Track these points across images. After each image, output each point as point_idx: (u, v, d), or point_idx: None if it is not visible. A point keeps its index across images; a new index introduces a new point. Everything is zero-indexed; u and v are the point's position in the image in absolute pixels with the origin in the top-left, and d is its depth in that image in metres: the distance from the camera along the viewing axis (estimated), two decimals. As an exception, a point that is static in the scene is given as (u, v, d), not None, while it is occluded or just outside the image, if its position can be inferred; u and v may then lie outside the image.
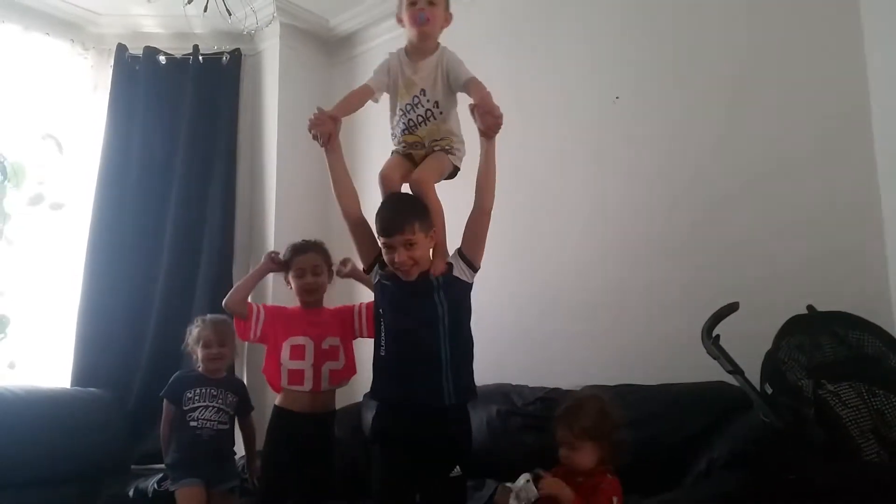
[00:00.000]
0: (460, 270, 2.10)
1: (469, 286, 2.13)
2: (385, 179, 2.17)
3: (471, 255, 2.11)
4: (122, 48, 4.10)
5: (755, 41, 2.69)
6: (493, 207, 2.07)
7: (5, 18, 3.79)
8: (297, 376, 2.58)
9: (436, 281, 2.06)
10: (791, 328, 2.00)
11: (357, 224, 2.16)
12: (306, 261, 2.66)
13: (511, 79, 3.27)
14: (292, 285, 2.69)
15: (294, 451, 2.54)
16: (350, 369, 2.68)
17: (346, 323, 2.70)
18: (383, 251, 2.04)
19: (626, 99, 3.01)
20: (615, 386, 2.55)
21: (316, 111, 2.08)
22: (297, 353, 2.60)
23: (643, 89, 2.97)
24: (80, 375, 3.70)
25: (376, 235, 2.06)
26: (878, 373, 1.89)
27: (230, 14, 3.11)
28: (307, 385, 2.57)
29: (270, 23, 3.87)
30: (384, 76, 2.20)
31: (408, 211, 2.04)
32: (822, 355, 1.94)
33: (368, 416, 3.27)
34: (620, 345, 2.86)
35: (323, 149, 2.14)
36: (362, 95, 2.19)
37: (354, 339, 2.71)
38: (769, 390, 1.94)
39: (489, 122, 1.97)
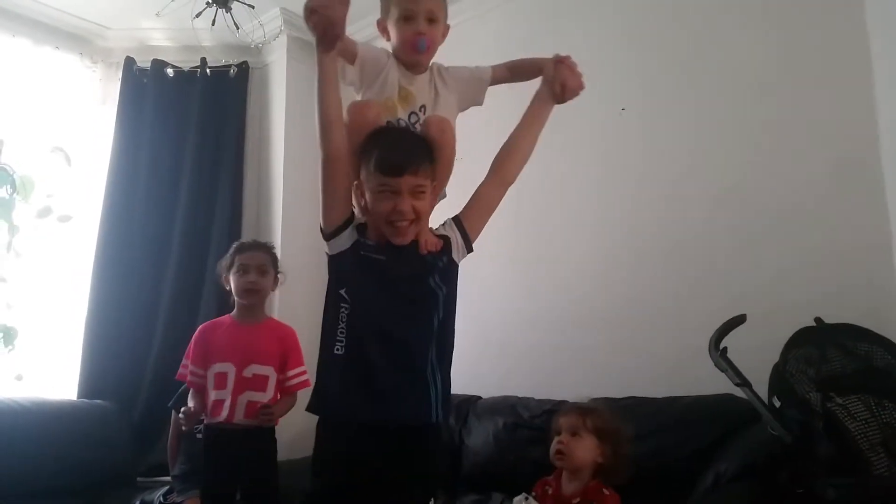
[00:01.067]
0: (456, 248, 1.69)
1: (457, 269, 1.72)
2: (365, 109, 1.69)
3: (473, 227, 1.72)
4: (130, 61, 4.13)
5: (765, 51, 2.69)
6: (498, 220, 1.80)
7: (16, 32, 3.82)
8: (218, 407, 2.34)
9: (434, 260, 1.65)
10: (799, 340, 1.99)
11: (337, 160, 1.59)
12: (252, 258, 2.43)
13: (518, 91, 3.27)
14: (231, 285, 2.42)
15: (231, 470, 2.32)
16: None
17: (285, 349, 2.45)
18: (374, 199, 1.57)
19: (632, 110, 3.01)
20: (622, 399, 2.54)
21: None
22: (220, 381, 2.36)
23: (649, 100, 2.97)
24: (87, 387, 3.70)
25: (369, 176, 1.58)
26: (887, 385, 1.88)
27: (238, 28, 3.13)
28: (223, 414, 2.32)
29: (278, 36, 3.90)
30: (372, 66, 1.73)
31: (422, 148, 1.61)
32: (830, 368, 1.93)
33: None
34: (627, 357, 2.84)
35: (318, 49, 1.54)
36: (345, 53, 1.68)
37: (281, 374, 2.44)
38: (777, 403, 1.93)
39: (575, 82, 1.76)
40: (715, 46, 2.82)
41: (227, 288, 2.45)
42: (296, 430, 2.81)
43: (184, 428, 2.54)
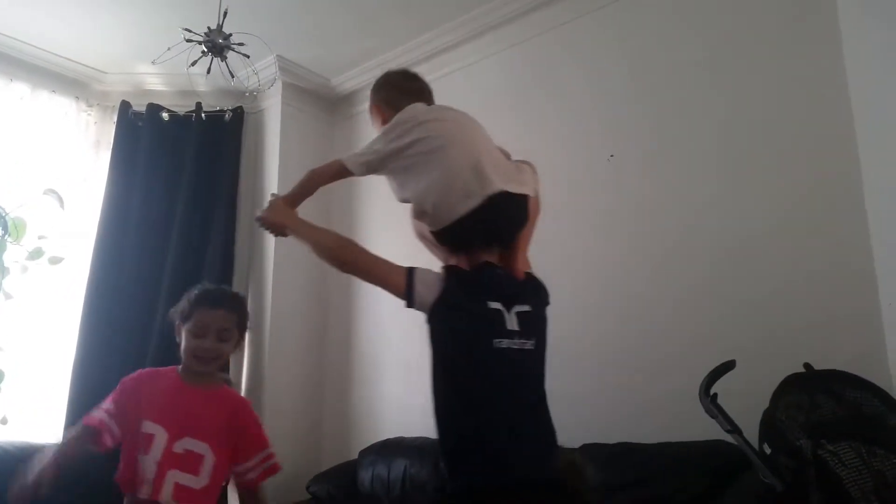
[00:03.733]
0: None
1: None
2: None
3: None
4: (125, 105, 4.18)
5: (746, 101, 2.75)
6: None
7: (14, 77, 3.87)
8: (138, 479, 1.87)
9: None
10: (788, 387, 2.00)
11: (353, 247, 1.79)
12: (214, 318, 1.97)
13: (511, 134, 3.32)
14: (182, 343, 1.99)
15: None
16: (211, 497, 1.91)
17: (237, 427, 1.99)
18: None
19: (620, 158, 3.06)
20: (613, 444, 2.53)
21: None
22: (147, 443, 1.88)
23: (637, 148, 3.02)
24: (73, 431, 3.64)
25: None
26: (877, 432, 1.87)
27: (233, 75, 3.18)
28: (145, 490, 1.85)
29: (273, 83, 3.96)
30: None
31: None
32: (820, 414, 1.93)
33: (365, 475, 3.25)
34: (618, 403, 2.83)
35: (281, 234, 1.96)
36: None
37: (233, 463, 1.98)
38: (768, 450, 1.93)
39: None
40: (698, 95, 2.88)
41: (178, 341, 2.02)
42: None
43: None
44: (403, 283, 1.67)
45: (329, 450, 3.94)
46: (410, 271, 1.68)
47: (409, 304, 1.68)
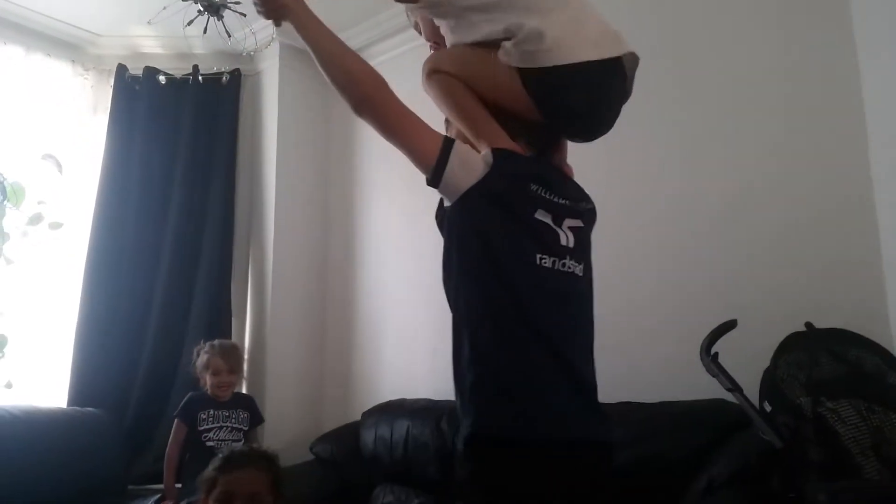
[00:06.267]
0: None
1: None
2: None
3: None
4: (122, 68, 4.12)
5: (749, 56, 2.72)
6: None
7: (7, 40, 3.82)
8: None
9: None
10: (789, 345, 2.01)
11: (384, 86, 1.36)
12: (240, 483, 1.73)
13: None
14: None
15: None
16: None
17: None
18: None
19: (622, 115, 3.02)
20: (614, 404, 2.55)
21: None
22: None
23: (638, 103, 2.99)
24: (77, 395, 3.68)
25: None
26: (876, 390, 1.89)
27: (230, 35, 3.14)
28: None
29: (270, 44, 3.90)
30: None
31: None
32: (821, 372, 1.94)
33: (368, 436, 3.28)
34: (619, 363, 2.83)
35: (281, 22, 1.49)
36: None
37: None
38: (768, 408, 1.94)
39: None
40: (713, 60, 2.84)
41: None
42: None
43: None
44: (436, 151, 1.28)
45: (331, 411, 3.97)
46: (448, 140, 1.31)
47: (434, 183, 1.31)
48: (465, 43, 1.45)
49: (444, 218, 1.38)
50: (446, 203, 1.36)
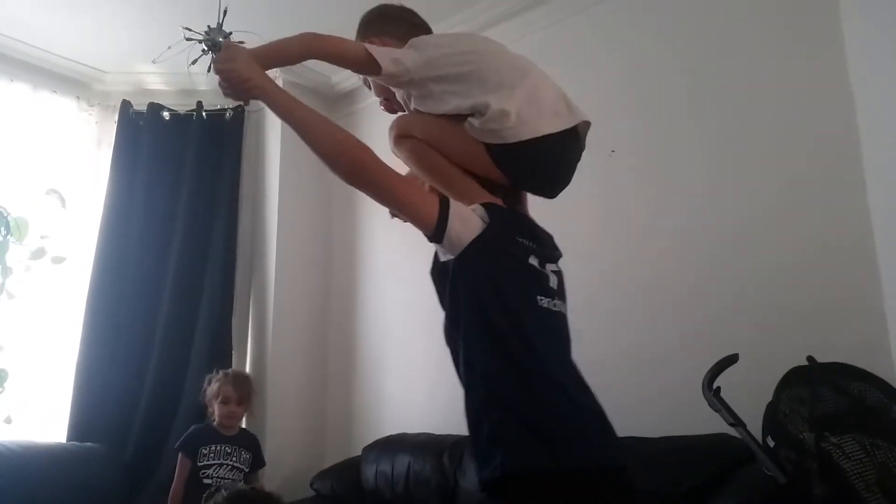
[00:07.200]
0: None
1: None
2: None
3: None
4: (126, 104, 4.18)
5: (745, 93, 2.75)
6: None
7: (15, 77, 3.88)
8: None
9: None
10: (791, 380, 2.00)
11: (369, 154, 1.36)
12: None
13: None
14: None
15: None
16: None
17: None
18: None
19: (622, 153, 3.05)
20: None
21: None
22: None
23: (638, 143, 3.02)
24: (77, 430, 3.66)
25: None
26: (880, 424, 1.88)
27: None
28: None
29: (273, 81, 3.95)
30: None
31: None
32: (824, 407, 1.93)
33: (369, 471, 3.25)
34: (622, 397, 2.82)
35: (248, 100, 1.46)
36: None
37: None
38: (771, 443, 1.93)
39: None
40: (715, 97, 2.88)
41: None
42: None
43: None
44: (435, 212, 1.31)
45: (332, 446, 3.94)
46: (445, 200, 1.34)
47: (436, 240, 1.34)
48: (432, 113, 1.52)
49: (440, 272, 1.42)
50: (443, 257, 1.40)
